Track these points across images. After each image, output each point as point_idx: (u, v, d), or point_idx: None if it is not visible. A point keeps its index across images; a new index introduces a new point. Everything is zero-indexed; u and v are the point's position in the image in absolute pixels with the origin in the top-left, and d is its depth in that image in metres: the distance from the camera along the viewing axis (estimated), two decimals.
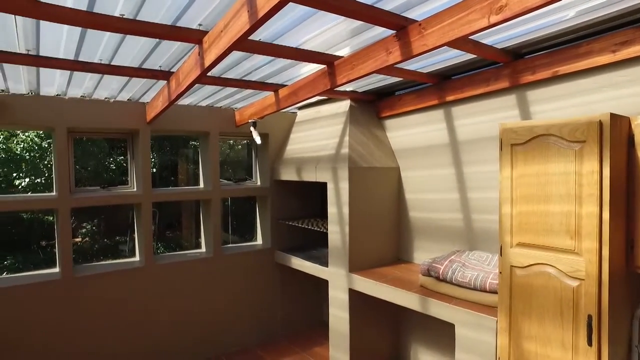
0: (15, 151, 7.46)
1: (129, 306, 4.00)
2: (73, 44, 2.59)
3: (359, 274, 3.77)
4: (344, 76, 2.92)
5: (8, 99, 3.44)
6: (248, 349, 4.69)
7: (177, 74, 2.97)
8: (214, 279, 4.51)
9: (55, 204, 3.68)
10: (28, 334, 3.51)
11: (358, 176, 3.86)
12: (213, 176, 4.48)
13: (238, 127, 4.62)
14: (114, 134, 4.29)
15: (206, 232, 4.66)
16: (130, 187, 4.20)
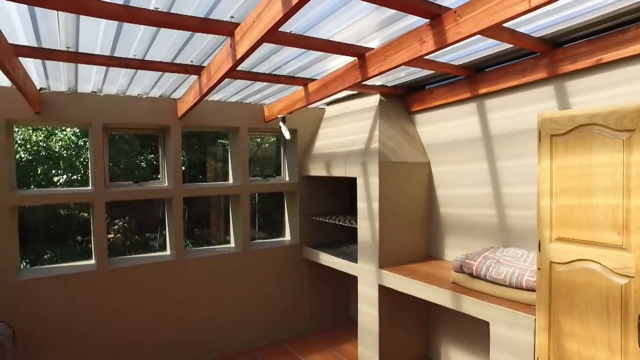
0: (54, 149, 7.76)
1: (159, 297, 4.08)
2: (109, 40, 2.65)
3: (389, 270, 3.71)
4: (375, 68, 2.88)
5: (49, 96, 3.56)
6: (276, 344, 4.71)
7: (209, 67, 3.00)
8: (243, 273, 4.54)
9: (91, 198, 3.79)
10: (68, 319, 3.66)
11: (388, 171, 3.80)
12: (242, 171, 4.52)
13: (267, 123, 4.64)
14: (146, 130, 4.38)
15: (235, 227, 4.70)
16: (161, 182, 4.28)
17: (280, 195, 5.17)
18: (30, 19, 2.31)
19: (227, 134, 4.94)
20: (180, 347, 4.19)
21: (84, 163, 7.89)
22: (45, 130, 8.04)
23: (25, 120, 3.56)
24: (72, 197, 4.17)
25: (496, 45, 2.94)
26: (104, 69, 3.24)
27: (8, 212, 3.46)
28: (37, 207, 7.92)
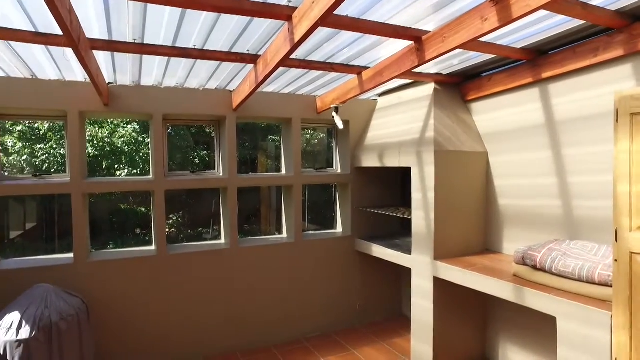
0: (117, 145, 8.24)
1: (213, 283, 4.21)
2: (172, 31, 2.75)
3: (445, 261, 3.60)
4: (433, 50, 2.79)
5: (116, 89, 3.77)
6: (327, 335, 4.71)
7: (265, 55, 3.04)
8: (295, 264, 4.58)
9: (152, 186, 3.97)
10: (131, 297, 3.89)
11: (444, 160, 3.69)
12: (295, 162, 4.56)
13: (319, 114, 4.65)
14: (202, 121, 4.52)
15: (287, 218, 4.76)
16: (217, 172, 4.40)
17: (328, 190, 5.17)
18: (104, 12, 2.45)
19: (278, 130, 5.01)
20: (232, 332, 4.30)
21: (144, 158, 8.31)
22: (109, 127, 8.54)
23: (95, 112, 3.79)
24: (135, 185, 4.38)
25: (563, 24, 2.76)
26: (165, 63, 3.39)
27: (81, 199, 3.71)
28: (102, 202, 8.44)
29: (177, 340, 4.06)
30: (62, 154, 8.64)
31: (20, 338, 2.90)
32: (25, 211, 9.29)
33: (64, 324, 3.09)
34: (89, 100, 3.67)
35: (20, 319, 2.97)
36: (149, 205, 12.00)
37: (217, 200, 9.83)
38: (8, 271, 3.50)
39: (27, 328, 2.94)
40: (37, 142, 8.92)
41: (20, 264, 3.64)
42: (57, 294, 3.23)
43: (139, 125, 8.71)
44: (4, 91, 3.44)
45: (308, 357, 4.19)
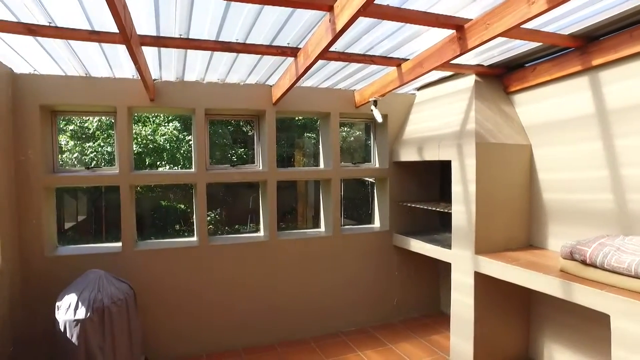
0: (159, 142, 8.56)
1: (252, 274, 4.30)
2: (216, 25, 2.83)
3: (487, 256, 3.51)
4: (476, 38, 2.73)
5: (161, 85, 3.92)
6: (363, 330, 4.70)
7: (306, 47, 3.07)
8: (332, 257, 4.60)
9: (195, 179, 4.10)
10: (174, 283, 4.04)
11: (486, 153, 3.60)
12: (333, 156, 4.58)
13: (358, 108, 4.65)
14: (243, 116, 4.62)
15: (325, 212, 4.78)
16: (256, 166, 4.49)
17: (362, 188, 5.16)
18: (154, 8, 2.55)
19: (314, 127, 5.05)
20: (270, 323, 4.38)
21: (184, 155, 8.58)
22: (151, 125, 8.87)
23: (142, 107, 3.95)
24: (179, 177, 4.53)
25: (617, 5, 2.63)
26: (207, 58, 3.49)
27: (129, 190, 3.89)
28: (144, 198, 8.77)
29: (218, 329, 4.17)
30: (108, 151, 9.07)
31: (77, 318, 3.08)
32: (77, 205, 9.87)
33: (114, 307, 3.25)
34: (137, 96, 3.84)
35: (77, 301, 3.14)
36: (187, 202, 12.42)
37: (255, 197, 10.04)
38: (65, 257, 3.72)
39: (82, 309, 3.11)
40: (86, 141, 9.41)
41: (75, 250, 3.86)
42: (108, 279, 3.40)
43: (179, 123, 9.00)
44: (62, 89, 3.66)
45: (345, 351, 4.20)
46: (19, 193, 3.56)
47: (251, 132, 12.61)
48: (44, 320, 3.55)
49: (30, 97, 3.58)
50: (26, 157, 3.58)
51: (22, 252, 3.58)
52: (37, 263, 3.62)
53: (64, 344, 3.12)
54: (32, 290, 3.60)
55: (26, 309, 3.58)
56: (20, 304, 3.55)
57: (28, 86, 3.57)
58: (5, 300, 3.23)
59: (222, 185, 10.26)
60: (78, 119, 9.17)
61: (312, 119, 10.06)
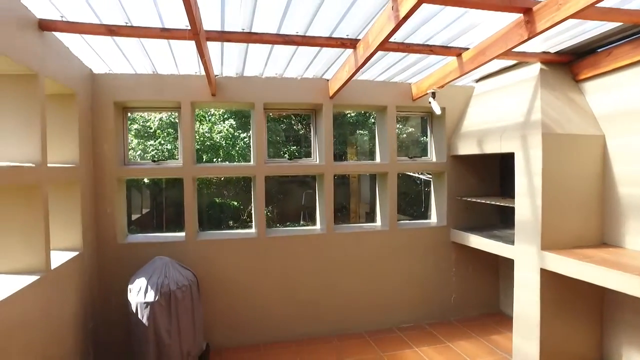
0: (215, 140, 8.88)
1: (310, 267, 4.35)
2: (278, 18, 2.89)
3: (555, 252, 3.33)
4: (546, 21, 2.60)
5: (222, 80, 4.06)
6: (420, 327, 4.62)
7: (366, 37, 3.06)
8: (388, 252, 4.56)
9: (254, 171, 4.22)
10: (233, 272, 4.19)
11: (552, 144, 3.42)
12: (390, 150, 4.54)
13: (414, 101, 4.57)
14: (300, 110, 4.68)
15: (382, 206, 4.75)
16: (313, 160, 4.54)
17: (414, 185, 5.06)
18: (220, 2, 2.65)
19: (366, 124, 5.02)
20: (326, 315, 4.41)
21: (239, 152, 8.82)
22: (208, 123, 9.21)
23: (204, 102, 4.12)
24: (238, 170, 4.67)
25: None
26: (267, 53, 3.57)
27: (191, 182, 4.07)
28: (199, 195, 9.11)
29: (275, 319, 4.26)
30: (168, 149, 9.51)
31: (147, 301, 3.26)
32: (142, 198, 10.49)
33: (179, 293, 3.41)
34: (199, 92, 4.00)
35: (147, 285, 3.33)
36: (240, 199, 12.79)
37: (307, 194, 10.17)
38: (134, 244, 3.96)
39: (151, 293, 3.29)
40: (148, 139, 9.92)
41: (143, 239, 4.09)
42: (174, 266, 3.57)
43: (235, 121, 9.27)
44: (133, 86, 3.89)
45: (401, 346, 4.15)
46: (96, 184, 3.83)
47: (302, 131, 12.78)
48: (118, 301, 3.81)
49: (106, 95, 3.84)
50: (102, 151, 3.84)
51: (98, 238, 3.84)
52: (111, 249, 3.88)
53: (135, 323, 3.31)
54: (107, 273, 3.86)
55: (102, 290, 3.85)
56: (98, 284, 3.81)
57: (104, 85, 3.83)
58: (85, 280, 3.49)
59: (275, 182, 10.48)
60: (141, 118, 9.70)
61: (364, 116, 10.03)
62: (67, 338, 3.08)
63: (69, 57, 3.30)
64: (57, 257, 3.08)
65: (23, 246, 2.66)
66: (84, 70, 3.63)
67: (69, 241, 3.39)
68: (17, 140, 2.67)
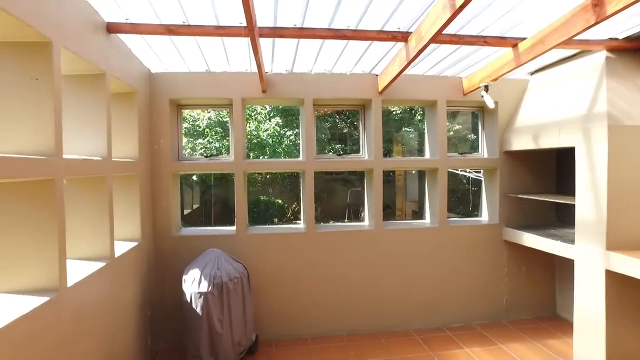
0: (262, 137, 9.06)
1: (358, 263, 4.34)
2: (330, 12, 2.90)
3: (623, 253, 3.13)
4: (617, 2, 2.44)
5: (272, 77, 4.13)
6: (469, 327, 4.49)
7: (419, 29, 3.01)
8: (438, 250, 4.47)
9: (303, 166, 4.26)
10: (282, 266, 4.24)
11: (621, 136, 3.21)
12: (440, 146, 4.44)
13: (465, 95, 4.45)
14: (348, 106, 4.67)
15: (431, 202, 4.66)
16: (362, 155, 4.52)
17: (460, 183, 4.90)
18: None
19: (412, 120, 4.94)
20: (373, 312, 4.38)
21: (285, 150, 8.95)
22: (255, 121, 9.41)
23: (255, 99, 4.20)
24: (288, 165, 4.72)
25: None
26: (317, 49, 3.59)
27: (242, 177, 4.17)
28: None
29: (323, 313, 4.29)
30: (217, 147, 9.80)
31: (201, 291, 3.38)
32: (192, 194, 10.92)
33: (231, 284, 3.50)
34: (250, 88, 4.09)
35: (200, 276, 3.45)
36: (285, 198, 12.96)
37: (352, 190, 10.16)
38: (188, 237, 4.11)
39: (205, 283, 3.40)
40: (197, 137, 10.27)
41: (195, 232, 4.23)
42: (226, 259, 3.67)
43: (281, 119, 9.41)
44: (187, 84, 4.05)
45: (451, 346, 4.05)
46: (152, 178, 4.01)
47: (346, 129, 12.76)
48: (171, 290, 3.98)
49: (163, 93, 4.01)
50: (158, 146, 4.01)
51: (154, 230, 4.02)
52: (166, 241, 4.05)
53: (190, 312, 3.44)
54: (162, 263, 4.04)
55: (158, 279, 4.02)
56: (154, 274, 3.99)
57: (161, 83, 4.01)
58: (143, 270, 3.66)
59: (319, 180, 10.53)
60: (191, 117, 10.05)
61: (410, 113, 9.88)
62: (128, 322, 3.25)
63: (130, 57, 3.47)
64: (119, 247, 3.25)
65: (92, 234, 2.83)
66: (143, 69, 3.80)
67: (129, 232, 3.57)
68: (87, 135, 2.84)
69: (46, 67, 2.12)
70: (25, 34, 2.03)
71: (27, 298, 1.98)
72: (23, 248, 2.08)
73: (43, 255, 2.10)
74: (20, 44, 2.10)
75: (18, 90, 2.09)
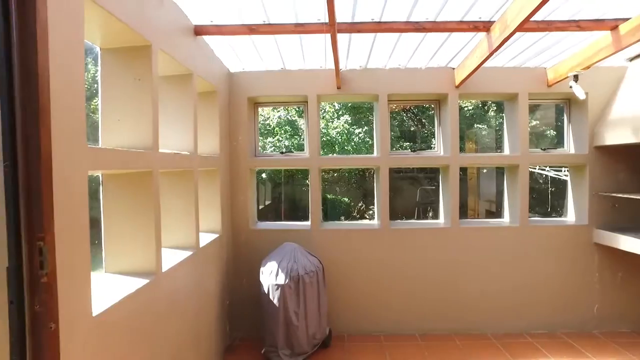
0: (331, 135, 9.15)
1: (433, 262, 4.24)
2: (408, 6, 2.85)
3: None
4: None
5: (346, 74, 4.16)
6: (555, 336, 4.18)
7: (503, 17, 2.86)
8: (518, 250, 4.22)
9: (378, 162, 4.24)
10: (355, 264, 4.26)
11: None
12: (521, 141, 4.20)
13: (550, 87, 4.16)
14: (423, 101, 4.58)
15: (511, 200, 4.42)
16: (437, 151, 4.40)
17: (536, 182, 4.57)
18: None
19: (484, 117, 4.70)
20: (448, 313, 4.25)
21: (354, 147, 8.96)
22: (323, 119, 9.52)
23: (329, 95, 4.25)
24: (362, 161, 4.73)
25: None
26: (393, 43, 3.55)
27: (317, 173, 4.23)
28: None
29: (396, 311, 4.23)
30: (286, 145, 10.06)
31: (278, 283, 3.48)
32: (265, 191, 11.36)
33: (307, 278, 3.57)
34: (325, 85, 4.15)
35: (277, 269, 3.55)
36: (351, 196, 12.98)
37: (422, 189, 9.94)
38: (264, 230, 4.27)
39: (282, 276, 3.50)
40: (267, 136, 10.60)
41: (271, 226, 4.38)
42: (302, 252, 3.75)
43: (350, 117, 9.44)
44: (264, 82, 4.19)
45: (535, 354, 3.80)
46: (231, 173, 4.20)
47: (414, 127, 12.49)
48: (248, 281, 4.15)
49: (241, 92, 4.20)
50: (237, 143, 4.19)
51: (233, 223, 4.22)
52: (244, 233, 4.22)
53: (267, 303, 3.56)
54: (240, 255, 4.22)
55: (236, 270, 4.21)
56: (232, 265, 4.18)
57: (239, 82, 4.19)
58: (223, 261, 3.85)
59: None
60: (261, 116, 10.40)
61: (482, 109, 9.44)
62: (211, 309, 3.43)
63: (212, 58, 3.66)
64: (202, 238, 3.44)
65: (180, 225, 3.02)
66: (223, 69, 3.99)
67: (210, 224, 3.77)
68: (176, 131, 3.04)
69: (146, 68, 2.30)
70: (131, 39, 2.22)
71: (131, 279, 2.16)
72: (127, 234, 2.28)
73: (143, 242, 2.28)
74: (125, 49, 2.29)
75: (123, 90, 2.28)
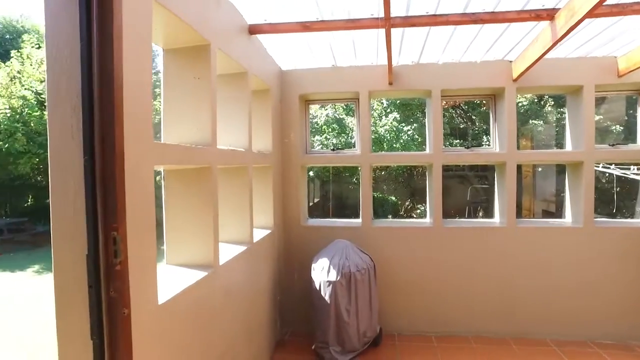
0: (379, 133, 9.08)
1: (488, 262, 4.08)
2: None
3: None
4: None
5: (398, 69, 4.10)
6: (624, 346, 3.88)
7: (570, 3, 2.70)
8: (582, 252, 3.98)
9: (430, 159, 4.15)
10: (407, 262, 4.19)
11: None
12: (586, 137, 3.94)
13: (621, 78, 3.88)
14: (478, 96, 4.41)
15: (573, 199, 4.17)
16: (492, 148, 4.24)
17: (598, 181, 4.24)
18: None
19: (539, 113, 4.43)
20: (503, 315, 4.08)
21: (402, 144, 8.83)
22: (372, 117, 9.46)
23: (381, 91, 4.20)
24: (415, 158, 4.64)
25: None
26: (448, 37, 3.45)
27: (368, 169, 4.21)
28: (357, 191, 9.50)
29: (448, 312, 4.12)
30: (333, 143, 10.09)
31: (330, 279, 3.50)
32: (313, 189, 11.51)
33: (359, 275, 3.56)
34: (376, 81, 4.11)
35: (329, 265, 3.57)
36: (398, 195, 12.82)
37: (473, 188, 9.64)
38: (315, 227, 4.30)
39: (333, 272, 3.51)
40: (315, 134, 10.69)
41: (322, 222, 4.41)
42: (354, 250, 3.74)
43: (398, 114, 9.31)
44: (315, 80, 4.22)
45: None
46: (283, 170, 4.26)
47: (463, 125, 12.12)
48: (299, 277, 4.19)
49: (292, 89, 4.25)
50: (289, 140, 4.25)
51: (285, 219, 4.28)
52: (295, 230, 4.28)
53: (318, 299, 3.58)
54: (291, 251, 4.28)
55: (287, 266, 4.27)
56: (284, 261, 4.24)
57: (291, 80, 4.24)
58: (275, 256, 3.92)
59: None
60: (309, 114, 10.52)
61: (538, 104, 8.99)
62: (263, 303, 3.51)
63: (265, 57, 3.73)
64: (255, 233, 3.52)
65: (236, 220, 3.11)
66: (275, 67, 4.06)
67: (263, 220, 3.84)
68: (231, 128, 3.13)
69: (206, 67, 2.38)
70: (191, 39, 2.30)
71: (191, 271, 2.25)
72: (187, 228, 2.37)
73: (202, 236, 2.37)
74: (186, 49, 2.39)
75: (184, 88, 2.38)
